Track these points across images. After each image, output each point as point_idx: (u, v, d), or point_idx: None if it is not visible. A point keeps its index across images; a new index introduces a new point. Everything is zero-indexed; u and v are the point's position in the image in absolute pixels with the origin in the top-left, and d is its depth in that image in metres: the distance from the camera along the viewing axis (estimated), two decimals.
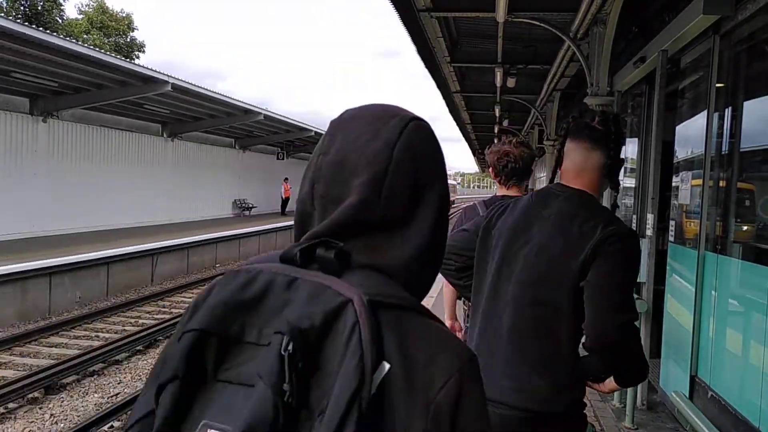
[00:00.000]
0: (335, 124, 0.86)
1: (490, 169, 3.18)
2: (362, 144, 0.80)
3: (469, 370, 0.73)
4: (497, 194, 3.17)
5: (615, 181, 1.87)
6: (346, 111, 0.88)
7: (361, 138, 0.81)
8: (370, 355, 0.65)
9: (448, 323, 3.30)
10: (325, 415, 0.63)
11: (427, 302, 9.47)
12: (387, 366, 0.68)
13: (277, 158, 29.43)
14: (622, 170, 7.09)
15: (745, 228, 3.95)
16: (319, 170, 0.82)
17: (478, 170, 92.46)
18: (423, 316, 0.76)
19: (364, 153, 0.80)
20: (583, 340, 1.75)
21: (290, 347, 0.65)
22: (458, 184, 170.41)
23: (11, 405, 6.76)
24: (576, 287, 1.69)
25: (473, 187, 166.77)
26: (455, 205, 74.71)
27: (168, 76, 14.63)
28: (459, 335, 3.24)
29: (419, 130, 0.85)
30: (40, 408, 6.78)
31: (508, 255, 1.81)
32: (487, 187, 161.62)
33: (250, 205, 26.30)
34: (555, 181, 1.88)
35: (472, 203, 3.34)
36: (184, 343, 0.71)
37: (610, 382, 1.82)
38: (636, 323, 1.71)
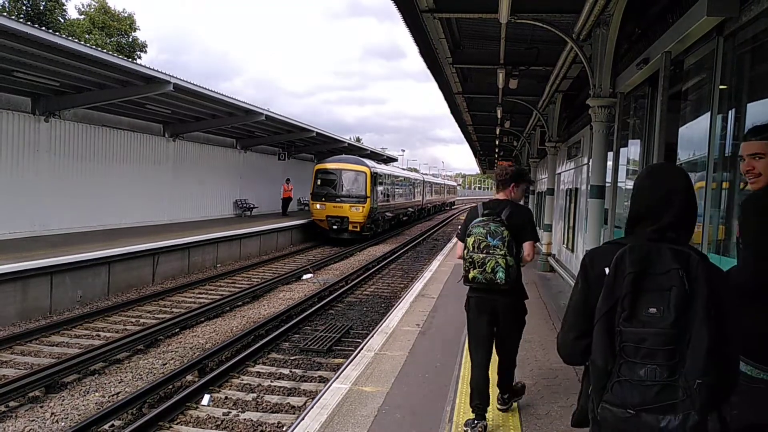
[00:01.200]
0: (647, 178, 2.11)
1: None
2: (670, 189, 2.01)
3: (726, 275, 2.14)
4: (493, 198, 4.63)
5: None
6: (648, 171, 2.17)
7: (667, 186, 2.02)
8: (706, 275, 1.86)
9: None
10: (700, 299, 1.85)
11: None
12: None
13: (279, 159, 29.42)
14: (624, 172, 7.04)
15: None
16: (651, 202, 2.02)
17: (479, 171, 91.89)
18: (708, 259, 1.95)
19: (674, 192, 2.00)
20: None
21: (683, 273, 1.85)
22: (459, 185, 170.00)
23: (12, 403, 6.78)
24: None
25: (474, 188, 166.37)
26: (455, 207, 74.10)
27: (170, 76, 14.65)
28: None
29: (687, 177, 2.09)
30: (41, 407, 6.78)
31: None
32: (487, 188, 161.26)
33: (251, 206, 26.29)
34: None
35: (474, 204, 4.65)
36: (629, 278, 1.89)
37: None
38: None
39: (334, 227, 24.34)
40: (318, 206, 24.65)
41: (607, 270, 2.00)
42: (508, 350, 4.64)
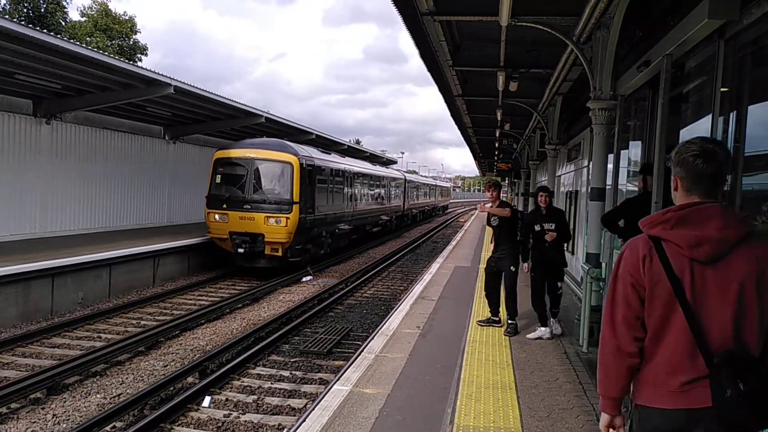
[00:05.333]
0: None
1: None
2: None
3: None
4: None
5: None
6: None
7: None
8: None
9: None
10: None
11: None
12: None
13: None
14: (625, 175, 7.11)
15: None
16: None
17: (479, 173, 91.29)
18: None
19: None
20: None
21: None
22: (458, 187, 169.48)
23: (14, 405, 6.79)
24: None
25: (473, 191, 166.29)
26: (450, 210, 71.80)
27: (170, 78, 14.67)
28: None
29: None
30: (43, 408, 6.79)
31: None
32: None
33: None
34: None
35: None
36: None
37: None
38: None
39: (241, 250, 15.63)
40: (217, 217, 16.05)
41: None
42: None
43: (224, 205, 16.04)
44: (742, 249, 2.14)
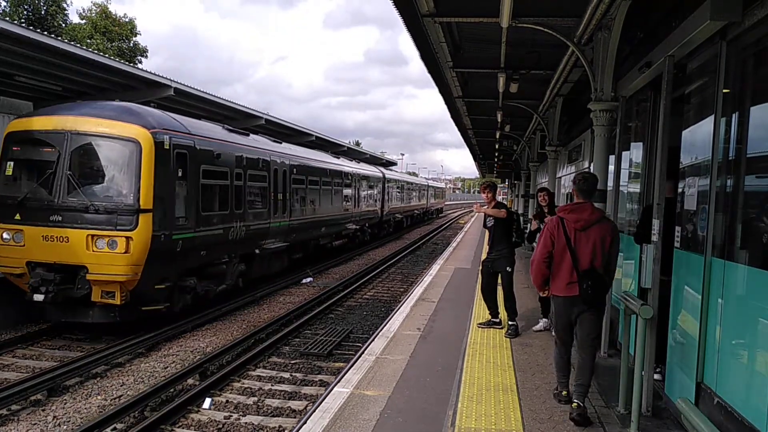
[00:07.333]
0: None
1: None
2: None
3: None
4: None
5: None
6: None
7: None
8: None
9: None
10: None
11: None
12: None
13: None
14: (627, 176, 7.11)
15: (752, 234, 3.93)
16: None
17: (479, 175, 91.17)
18: None
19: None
20: None
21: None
22: (458, 189, 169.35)
23: (14, 407, 6.78)
24: None
25: (473, 192, 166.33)
26: (446, 213, 70.07)
27: (171, 80, 14.69)
28: None
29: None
30: (43, 410, 6.78)
31: None
32: None
33: None
34: None
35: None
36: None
37: None
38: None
39: (40, 297, 8.93)
40: (5, 236, 9.42)
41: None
42: None
43: (17, 215, 9.35)
44: (597, 225, 4.89)
